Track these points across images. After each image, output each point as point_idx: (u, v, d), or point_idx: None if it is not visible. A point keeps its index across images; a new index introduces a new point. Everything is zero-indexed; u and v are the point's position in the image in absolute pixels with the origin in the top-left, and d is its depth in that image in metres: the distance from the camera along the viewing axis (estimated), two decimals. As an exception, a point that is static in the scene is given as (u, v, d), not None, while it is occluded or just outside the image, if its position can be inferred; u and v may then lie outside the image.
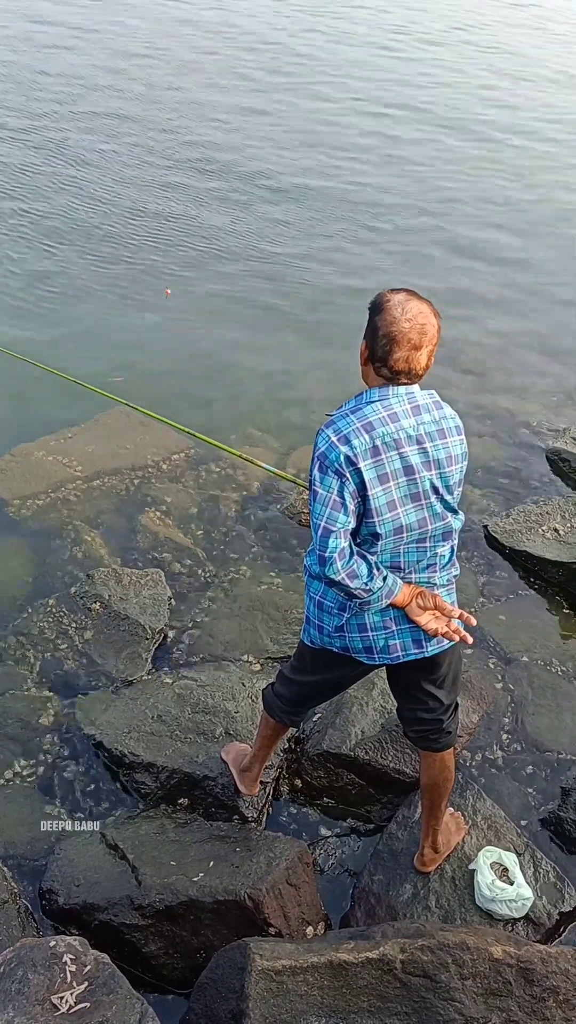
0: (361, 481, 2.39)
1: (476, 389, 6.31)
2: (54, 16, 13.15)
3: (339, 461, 2.39)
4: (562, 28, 16.90)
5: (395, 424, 2.43)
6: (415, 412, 2.46)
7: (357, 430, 2.41)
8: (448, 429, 2.50)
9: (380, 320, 2.41)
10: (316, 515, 2.43)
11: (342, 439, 2.40)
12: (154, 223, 7.99)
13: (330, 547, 2.38)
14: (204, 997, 2.57)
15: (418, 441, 2.44)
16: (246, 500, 5.06)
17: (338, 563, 2.38)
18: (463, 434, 2.55)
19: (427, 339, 2.40)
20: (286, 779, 3.50)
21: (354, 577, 2.40)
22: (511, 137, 11.14)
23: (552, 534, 4.77)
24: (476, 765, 3.66)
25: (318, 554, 2.41)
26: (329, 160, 9.71)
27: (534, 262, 8.35)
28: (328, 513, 2.40)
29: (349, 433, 2.41)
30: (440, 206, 9.08)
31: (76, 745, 3.58)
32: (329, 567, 2.39)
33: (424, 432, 2.45)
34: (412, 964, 2.50)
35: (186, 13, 14.27)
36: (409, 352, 2.39)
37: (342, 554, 2.39)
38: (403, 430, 2.43)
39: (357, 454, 2.39)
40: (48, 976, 2.37)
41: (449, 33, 15.46)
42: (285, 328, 6.81)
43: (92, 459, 5.16)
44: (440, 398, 2.54)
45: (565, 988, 2.54)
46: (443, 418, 2.50)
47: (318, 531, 2.41)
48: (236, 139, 9.87)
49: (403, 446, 2.43)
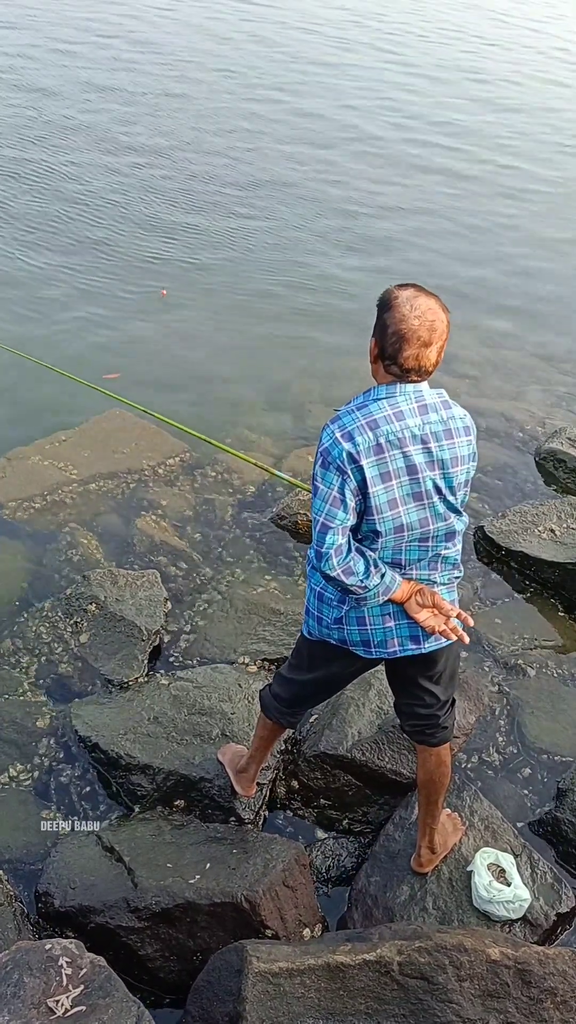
0: (363, 478, 2.39)
1: (472, 391, 6.32)
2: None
3: (341, 458, 2.38)
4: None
5: (400, 423, 2.41)
6: (422, 411, 2.44)
7: (361, 427, 2.40)
8: (456, 429, 2.47)
9: (389, 317, 2.38)
10: (316, 510, 2.43)
11: (346, 435, 2.39)
12: (152, 225, 8.00)
13: (327, 543, 2.39)
14: (200, 1000, 2.56)
15: (423, 440, 2.43)
16: (242, 503, 5.05)
17: (334, 559, 2.39)
18: (473, 435, 2.52)
19: (437, 335, 2.38)
20: (283, 781, 3.49)
21: (350, 574, 2.40)
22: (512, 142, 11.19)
23: (548, 535, 4.77)
24: (473, 766, 3.66)
25: (315, 549, 2.42)
26: (331, 163, 9.75)
27: (530, 265, 8.37)
28: (327, 509, 2.40)
29: (353, 430, 2.40)
30: (437, 209, 9.11)
31: (72, 747, 3.57)
32: (325, 562, 2.40)
33: (430, 432, 2.44)
34: (409, 966, 2.49)
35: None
36: (419, 350, 2.37)
37: (338, 550, 2.39)
38: (408, 429, 2.42)
39: (360, 451, 2.38)
40: (44, 979, 2.36)
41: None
42: (285, 329, 6.82)
43: (87, 462, 5.16)
44: (449, 397, 2.52)
45: (562, 989, 2.54)
46: (451, 418, 2.47)
47: (317, 526, 2.42)
48: (233, 143, 9.91)
49: (407, 445, 2.42)
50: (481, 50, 15.33)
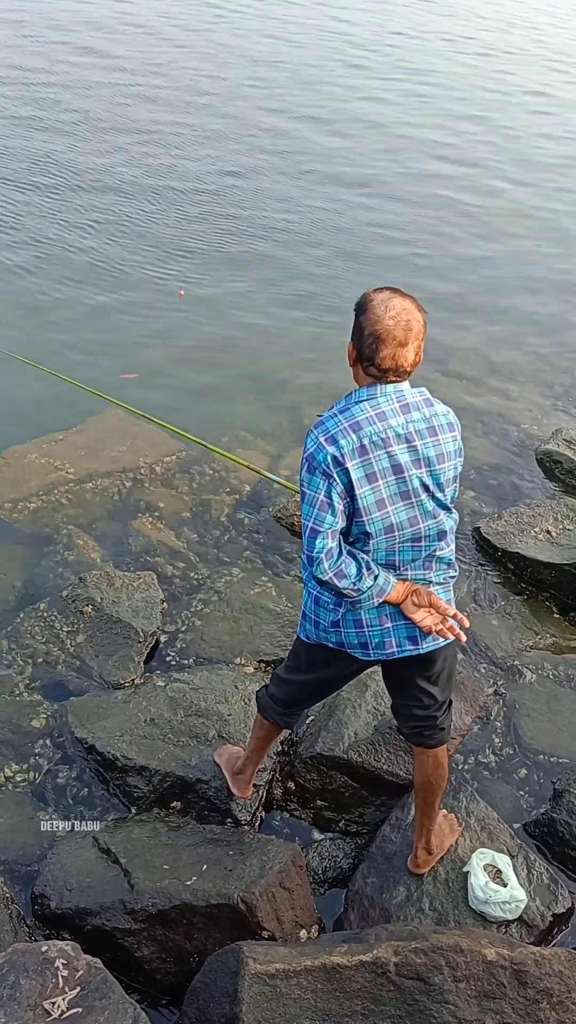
0: (349, 481, 2.40)
1: (468, 392, 6.32)
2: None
3: (326, 462, 2.40)
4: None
5: (383, 423, 2.43)
6: (404, 410, 2.46)
7: (344, 430, 2.42)
8: (440, 426, 2.50)
9: (365, 319, 2.42)
10: (305, 516, 2.45)
11: (329, 439, 2.41)
12: (174, 223, 8.01)
13: (317, 547, 2.40)
14: (197, 1001, 2.56)
15: (407, 439, 2.45)
16: (238, 503, 5.05)
17: (325, 563, 2.40)
18: (457, 430, 2.55)
19: (412, 335, 2.40)
20: (279, 782, 3.49)
21: (342, 577, 2.41)
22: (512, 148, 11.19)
23: (544, 536, 4.78)
24: (469, 767, 3.66)
25: (306, 554, 2.44)
26: (343, 170, 9.70)
27: (527, 267, 8.37)
28: (316, 514, 2.42)
29: (336, 433, 2.42)
30: (434, 213, 9.11)
31: (68, 749, 3.57)
32: (316, 567, 2.41)
33: (414, 430, 2.46)
34: (406, 967, 2.49)
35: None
36: (395, 349, 2.40)
37: (329, 554, 2.40)
38: (391, 428, 2.43)
39: (344, 454, 2.40)
40: (40, 981, 2.36)
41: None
42: (301, 329, 6.79)
43: (84, 462, 5.15)
44: (431, 395, 2.54)
45: (559, 990, 2.54)
46: (434, 415, 2.50)
47: (306, 531, 2.44)
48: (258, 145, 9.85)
49: (391, 445, 2.43)
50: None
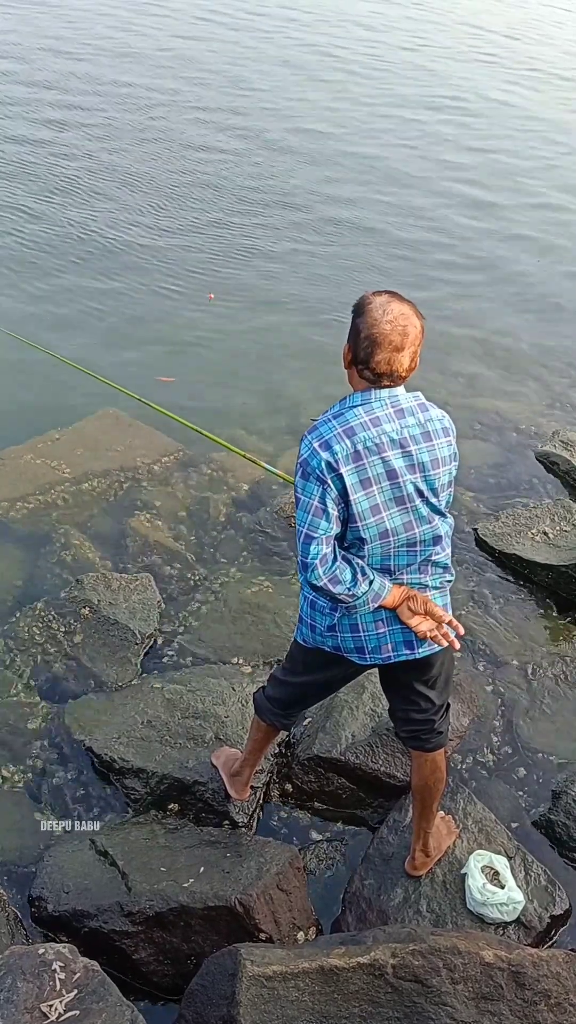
0: (343, 486, 2.39)
1: (466, 393, 6.32)
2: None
3: (320, 468, 2.39)
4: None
5: (377, 428, 2.42)
6: (399, 415, 2.45)
7: (338, 435, 2.41)
8: (435, 431, 2.49)
9: (362, 322, 2.40)
10: (299, 522, 2.44)
11: (323, 445, 2.40)
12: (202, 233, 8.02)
13: (311, 553, 2.39)
14: (195, 1004, 2.56)
15: (401, 445, 2.44)
16: (236, 503, 5.05)
17: (319, 569, 2.39)
18: (452, 435, 2.53)
19: (409, 340, 2.39)
20: (276, 784, 3.49)
21: (336, 583, 2.41)
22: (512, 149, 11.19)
23: (542, 537, 4.78)
24: (467, 769, 3.66)
25: (301, 560, 2.43)
26: (358, 184, 9.63)
27: (525, 268, 8.37)
28: (310, 520, 2.41)
29: (331, 439, 2.41)
30: (434, 214, 9.10)
31: (65, 751, 3.56)
32: (311, 573, 2.40)
33: (408, 435, 2.44)
34: (403, 969, 2.49)
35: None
36: (391, 354, 2.38)
37: (323, 560, 2.39)
38: (385, 434, 2.42)
39: (338, 459, 2.39)
40: (37, 984, 2.35)
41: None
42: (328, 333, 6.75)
43: (81, 462, 5.14)
44: (426, 400, 2.53)
45: (556, 992, 2.54)
46: (428, 420, 2.48)
47: (301, 537, 2.43)
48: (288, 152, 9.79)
49: (385, 450, 2.42)
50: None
